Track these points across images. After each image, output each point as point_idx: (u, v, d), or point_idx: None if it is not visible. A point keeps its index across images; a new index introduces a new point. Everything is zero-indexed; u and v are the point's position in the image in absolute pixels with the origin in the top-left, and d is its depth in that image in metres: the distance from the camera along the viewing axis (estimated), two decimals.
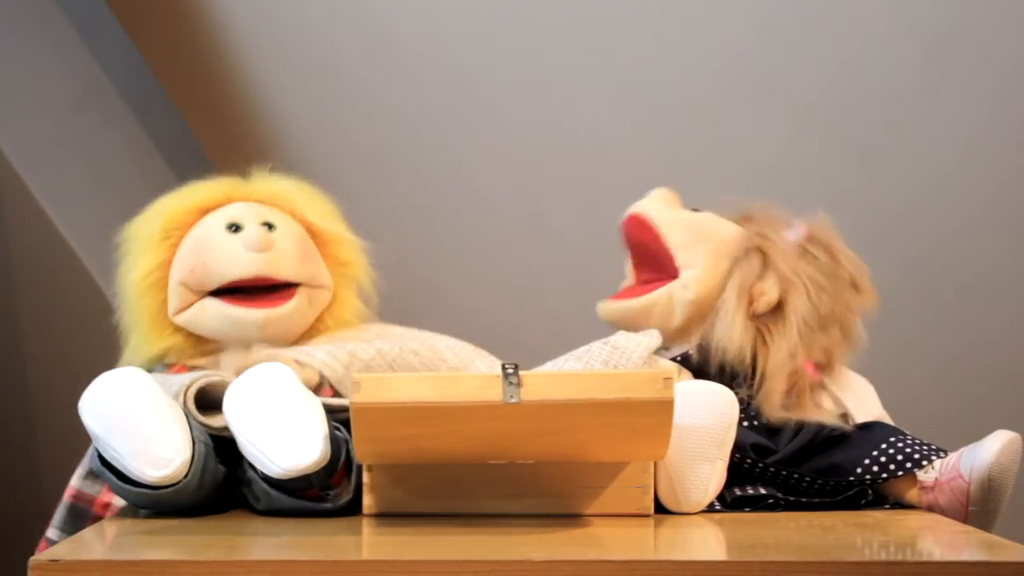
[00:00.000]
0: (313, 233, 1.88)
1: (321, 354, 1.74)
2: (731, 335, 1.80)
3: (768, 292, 1.82)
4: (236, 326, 1.79)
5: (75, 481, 1.81)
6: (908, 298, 2.65)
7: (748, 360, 1.81)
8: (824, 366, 1.84)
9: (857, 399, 1.85)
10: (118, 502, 1.76)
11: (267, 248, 1.81)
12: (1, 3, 2.55)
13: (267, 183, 1.90)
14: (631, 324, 1.87)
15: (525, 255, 2.75)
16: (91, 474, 1.80)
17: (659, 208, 1.91)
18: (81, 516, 1.79)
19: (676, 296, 1.86)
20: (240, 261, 1.80)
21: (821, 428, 1.75)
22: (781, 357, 1.80)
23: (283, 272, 1.82)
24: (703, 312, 1.86)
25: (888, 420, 1.85)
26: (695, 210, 1.94)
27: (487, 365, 1.84)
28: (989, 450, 1.66)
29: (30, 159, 2.53)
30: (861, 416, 1.83)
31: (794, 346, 1.81)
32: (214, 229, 1.82)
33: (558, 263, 2.72)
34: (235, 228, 1.82)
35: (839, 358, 1.86)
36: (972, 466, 1.66)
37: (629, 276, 1.96)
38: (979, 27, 2.50)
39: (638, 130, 2.65)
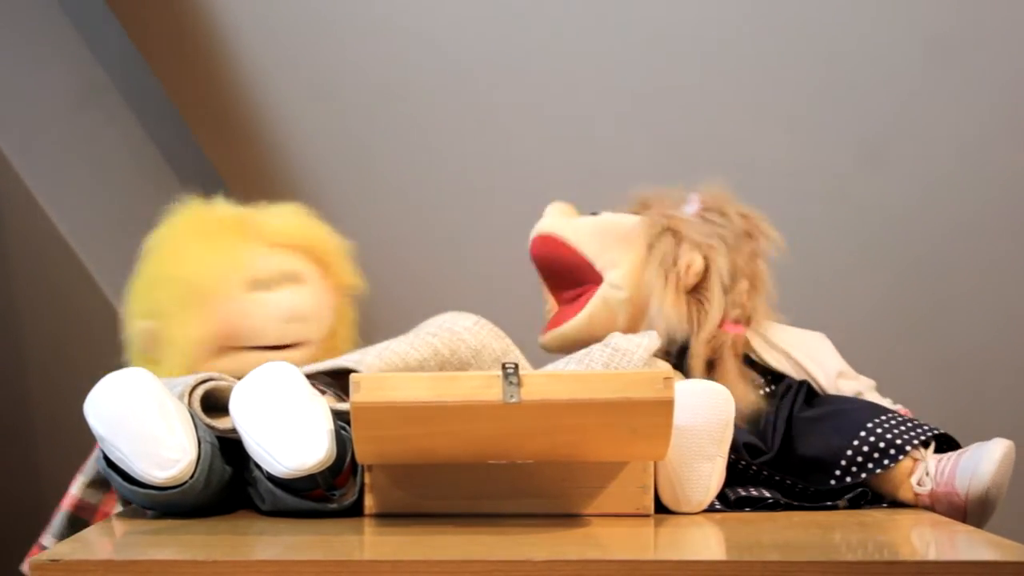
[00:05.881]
0: (320, 263, 1.88)
1: (370, 358, 1.74)
2: (665, 314, 1.82)
3: (693, 263, 1.84)
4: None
5: (76, 490, 1.80)
6: (908, 298, 2.65)
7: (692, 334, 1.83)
8: (743, 320, 1.85)
9: (814, 357, 1.86)
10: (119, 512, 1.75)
11: (301, 319, 1.81)
12: (1, 3, 2.55)
13: (282, 223, 1.86)
14: (578, 344, 1.87)
15: (525, 255, 2.74)
16: (93, 483, 1.79)
17: (562, 222, 1.93)
18: (80, 526, 1.78)
19: (611, 299, 1.87)
20: (273, 331, 1.80)
21: (794, 405, 1.76)
22: (716, 322, 1.82)
23: (308, 335, 1.83)
24: (642, 307, 1.86)
25: (850, 372, 1.86)
26: (593, 214, 1.95)
27: (501, 348, 1.83)
28: (987, 470, 1.64)
29: (30, 159, 2.53)
30: (822, 375, 1.84)
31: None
32: (240, 288, 1.79)
33: None
34: (262, 285, 1.80)
35: (757, 310, 1.87)
36: (969, 485, 1.65)
37: (550, 302, 1.96)
38: (979, 27, 2.50)
39: (635, 126, 2.65)
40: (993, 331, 2.68)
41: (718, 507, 1.67)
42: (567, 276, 1.91)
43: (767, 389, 1.84)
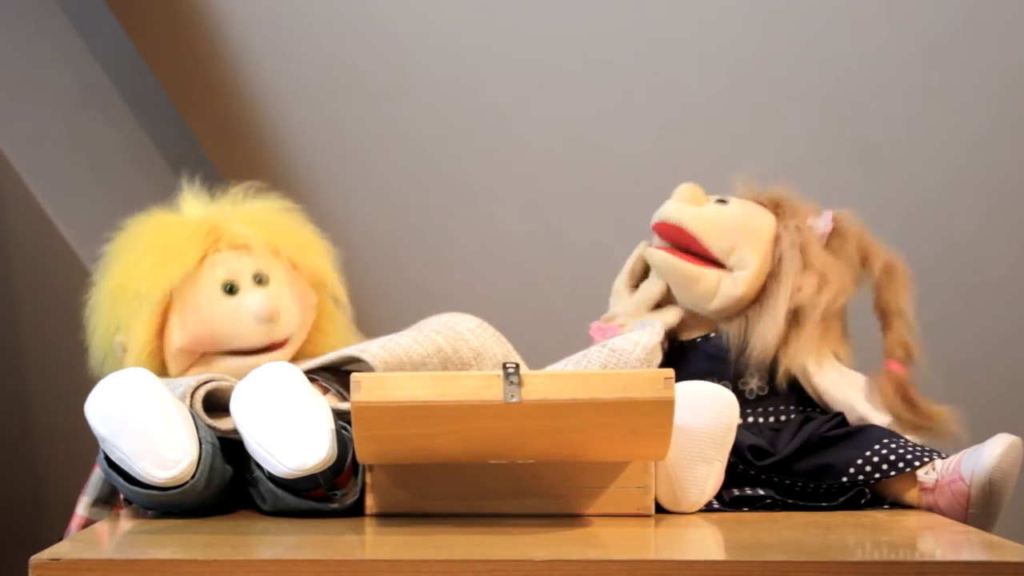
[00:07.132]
0: (289, 260, 1.87)
1: (375, 348, 1.73)
2: (773, 332, 1.81)
3: (805, 288, 1.83)
4: (244, 372, 1.77)
5: (82, 510, 1.79)
6: (913, 302, 2.64)
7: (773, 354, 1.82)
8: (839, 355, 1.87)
9: (858, 396, 1.86)
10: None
11: (275, 318, 1.81)
12: (1, 3, 2.55)
13: (246, 225, 1.85)
14: (674, 282, 1.86)
15: (526, 257, 2.75)
16: (97, 502, 1.80)
17: (688, 213, 1.88)
18: None
19: (724, 285, 1.84)
20: (250, 334, 1.80)
21: (819, 427, 1.76)
22: (803, 349, 1.82)
23: (287, 333, 1.82)
24: (740, 308, 1.85)
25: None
26: (721, 200, 1.91)
27: (502, 352, 1.82)
28: (991, 454, 1.66)
29: (30, 158, 2.53)
30: (853, 411, 1.83)
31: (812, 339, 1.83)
32: (211, 293, 1.80)
33: (559, 265, 2.72)
34: (231, 288, 1.81)
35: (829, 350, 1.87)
36: (973, 470, 1.67)
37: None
38: (983, 29, 2.50)
39: (638, 131, 2.65)
40: (1000, 335, 2.68)
41: (716, 506, 1.67)
42: (695, 254, 1.88)
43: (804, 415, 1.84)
